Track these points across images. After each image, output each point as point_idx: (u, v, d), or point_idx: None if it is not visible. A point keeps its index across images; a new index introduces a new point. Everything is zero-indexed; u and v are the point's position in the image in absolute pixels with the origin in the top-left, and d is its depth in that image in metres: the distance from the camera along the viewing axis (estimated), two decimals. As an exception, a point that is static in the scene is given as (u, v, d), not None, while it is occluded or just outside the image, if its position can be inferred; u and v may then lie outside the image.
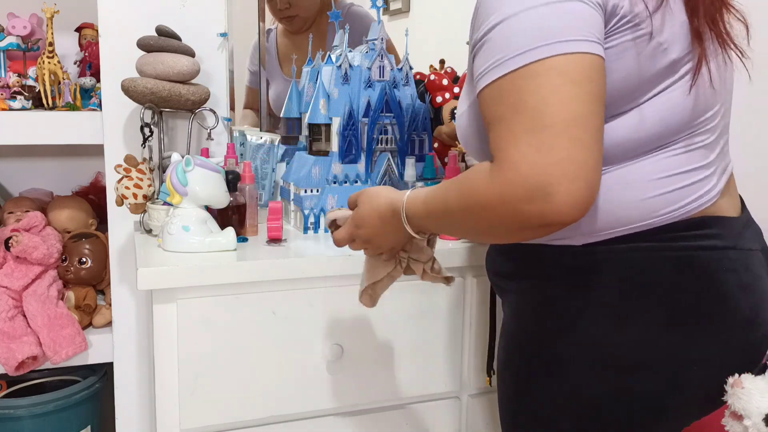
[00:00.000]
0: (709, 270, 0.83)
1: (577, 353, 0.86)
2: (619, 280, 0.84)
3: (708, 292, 0.83)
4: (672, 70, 0.81)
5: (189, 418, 1.17)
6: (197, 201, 1.21)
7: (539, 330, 0.90)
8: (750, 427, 1.10)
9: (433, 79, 1.50)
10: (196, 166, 1.20)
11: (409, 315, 1.28)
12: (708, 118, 0.85)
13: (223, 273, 1.15)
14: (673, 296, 0.83)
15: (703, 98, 0.83)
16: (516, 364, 0.94)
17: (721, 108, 0.88)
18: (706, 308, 0.83)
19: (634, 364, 0.84)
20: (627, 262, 0.83)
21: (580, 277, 0.86)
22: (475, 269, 1.33)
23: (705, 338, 0.83)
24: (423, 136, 1.42)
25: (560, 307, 0.87)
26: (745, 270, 0.85)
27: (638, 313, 0.83)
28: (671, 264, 0.83)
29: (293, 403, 1.23)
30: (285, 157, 1.55)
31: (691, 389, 0.86)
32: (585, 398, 0.86)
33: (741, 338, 0.85)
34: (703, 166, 0.84)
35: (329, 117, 1.38)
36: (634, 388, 0.85)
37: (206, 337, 1.16)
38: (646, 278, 0.83)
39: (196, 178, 1.19)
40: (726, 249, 0.85)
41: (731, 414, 1.15)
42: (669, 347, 0.83)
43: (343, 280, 1.22)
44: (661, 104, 0.81)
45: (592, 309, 0.85)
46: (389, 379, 1.29)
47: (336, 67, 1.39)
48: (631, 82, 0.79)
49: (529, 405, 0.92)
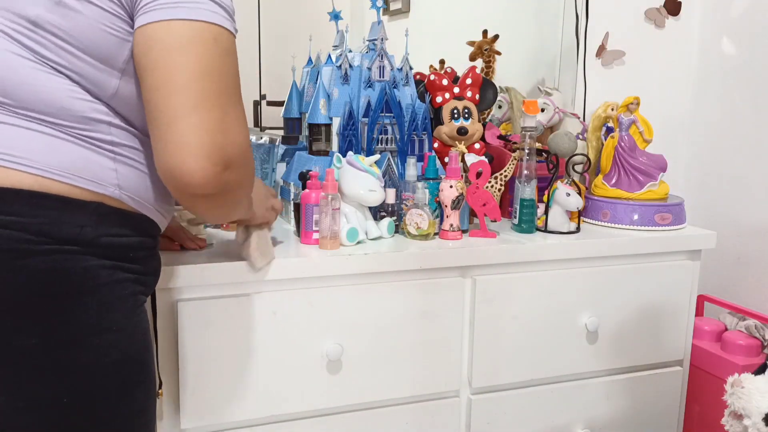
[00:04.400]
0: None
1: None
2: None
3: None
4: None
5: (189, 418, 1.17)
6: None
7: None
8: (750, 426, 1.10)
9: (433, 79, 1.50)
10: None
11: (409, 315, 1.28)
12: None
13: (223, 273, 1.15)
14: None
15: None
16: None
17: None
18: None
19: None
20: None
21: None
22: (475, 269, 1.33)
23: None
24: (423, 136, 1.42)
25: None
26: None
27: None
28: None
29: (293, 403, 1.23)
30: (285, 157, 1.55)
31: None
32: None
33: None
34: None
35: (329, 117, 1.38)
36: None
37: (206, 337, 1.16)
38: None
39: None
40: None
41: (731, 413, 1.15)
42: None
43: (343, 280, 1.23)
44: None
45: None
46: (389, 379, 1.29)
47: (336, 67, 1.39)
48: None
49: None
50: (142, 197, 0.89)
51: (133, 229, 0.88)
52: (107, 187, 0.84)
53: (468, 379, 1.37)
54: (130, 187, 0.87)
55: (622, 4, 1.93)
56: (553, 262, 1.39)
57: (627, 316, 1.47)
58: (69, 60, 0.82)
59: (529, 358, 1.40)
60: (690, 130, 2.04)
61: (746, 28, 1.85)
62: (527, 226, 1.44)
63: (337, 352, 1.22)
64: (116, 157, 0.86)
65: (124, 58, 0.84)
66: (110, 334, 0.84)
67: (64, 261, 0.80)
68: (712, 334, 1.65)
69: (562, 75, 1.96)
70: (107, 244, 0.84)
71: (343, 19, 1.46)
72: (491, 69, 1.81)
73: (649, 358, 1.52)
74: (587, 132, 1.70)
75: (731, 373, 1.18)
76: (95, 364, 0.83)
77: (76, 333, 0.81)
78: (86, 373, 0.83)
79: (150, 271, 0.94)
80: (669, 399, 1.56)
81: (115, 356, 0.85)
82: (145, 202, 0.90)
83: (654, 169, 1.57)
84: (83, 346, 0.82)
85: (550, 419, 1.45)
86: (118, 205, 0.86)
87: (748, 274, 1.85)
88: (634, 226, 1.52)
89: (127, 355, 0.87)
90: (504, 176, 1.52)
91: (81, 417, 0.83)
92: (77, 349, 0.82)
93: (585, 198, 1.59)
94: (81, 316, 0.81)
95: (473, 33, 1.82)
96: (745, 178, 1.86)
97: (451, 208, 1.33)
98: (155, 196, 0.91)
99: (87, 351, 0.82)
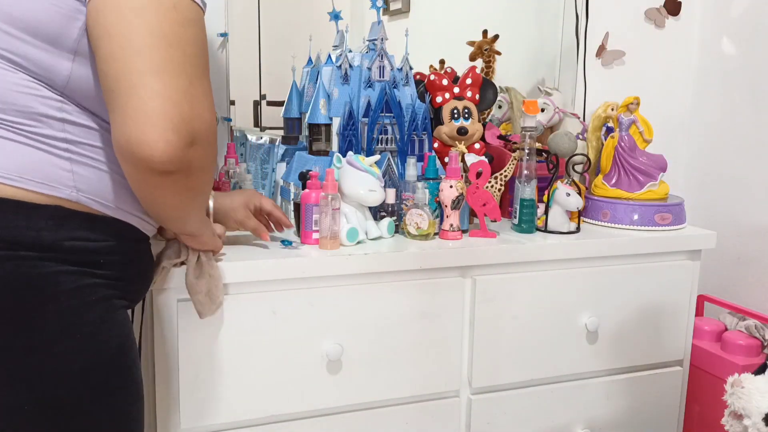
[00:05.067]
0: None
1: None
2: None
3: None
4: None
5: (189, 418, 1.17)
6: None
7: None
8: (750, 426, 1.10)
9: (433, 79, 1.50)
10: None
11: (409, 315, 1.28)
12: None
13: (222, 273, 1.15)
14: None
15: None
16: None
17: None
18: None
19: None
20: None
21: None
22: (475, 269, 1.33)
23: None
24: (423, 136, 1.42)
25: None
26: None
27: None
28: None
29: (293, 403, 1.23)
30: (285, 157, 1.55)
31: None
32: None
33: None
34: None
35: (329, 117, 1.38)
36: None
37: (206, 337, 1.16)
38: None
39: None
40: None
41: (731, 413, 1.15)
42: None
43: (343, 280, 1.23)
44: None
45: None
46: (389, 379, 1.29)
47: (336, 67, 1.39)
48: None
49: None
50: (107, 200, 0.84)
51: (100, 233, 0.84)
52: (62, 189, 0.80)
53: (468, 379, 1.37)
54: (90, 190, 0.82)
55: (622, 4, 1.92)
56: (553, 262, 1.39)
57: (627, 316, 1.47)
58: (12, 44, 0.76)
59: (529, 358, 1.40)
60: (690, 130, 2.04)
61: (746, 28, 1.85)
62: (527, 226, 1.44)
63: (337, 352, 1.22)
64: (72, 156, 0.80)
65: (74, 36, 0.77)
66: (75, 341, 0.81)
67: (22, 267, 0.77)
68: (712, 334, 1.65)
69: (562, 75, 1.95)
70: (70, 248, 0.80)
71: (343, 19, 1.46)
72: (491, 69, 1.81)
73: (649, 358, 1.52)
74: (587, 132, 1.70)
75: (731, 373, 1.18)
76: (60, 371, 0.80)
77: (39, 340, 0.78)
78: (51, 380, 0.80)
79: (128, 276, 0.89)
80: (669, 399, 1.56)
81: (82, 363, 0.82)
82: (113, 205, 0.84)
83: (654, 169, 1.56)
84: (46, 353, 0.79)
85: (550, 419, 1.45)
86: (80, 208, 0.81)
87: (748, 274, 1.85)
88: (634, 226, 1.52)
89: (97, 361, 0.84)
90: (504, 176, 1.52)
91: (49, 425, 0.80)
92: (40, 356, 0.79)
93: (585, 198, 1.59)
94: (42, 323, 0.78)
95: (473, 33, 1.82)
96: (745, 178, 1.86)
97: (451, 208, 1.33)
98: (124, 199, 0.86)
99: (50, 358, 0.79)
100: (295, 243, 1.27)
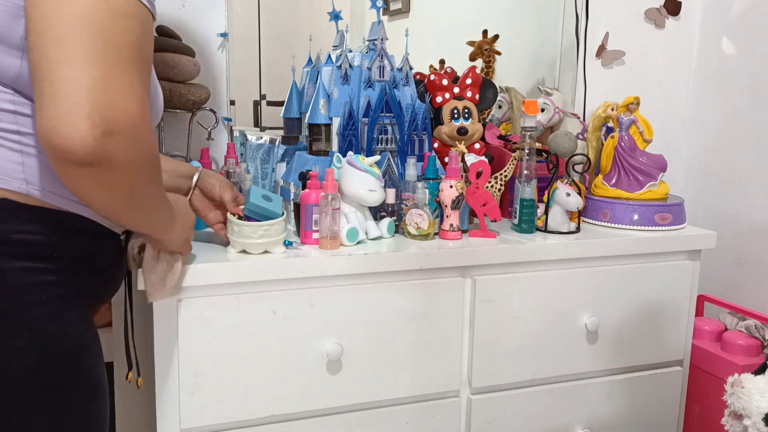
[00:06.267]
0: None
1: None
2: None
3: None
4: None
5: (189, 418, 1.17)
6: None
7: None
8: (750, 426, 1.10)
9: (433, 79, 1.50)
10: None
11: (409, 315, 1.28)
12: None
13: (223, 273, 1.15)
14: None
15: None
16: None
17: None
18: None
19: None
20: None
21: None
22: (475, 269, 1.33)
23: None
24: (423, 136, 1.42)
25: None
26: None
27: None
28: None
29: (293, 403, 1.23)
30: (285, 157, 1.55)
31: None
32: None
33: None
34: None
35: (329, 117, 1.38)
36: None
37: (206, 337, 1.16)
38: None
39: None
40: None
41: (731, 413, 1.15)
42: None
43: (343, 280, 1.23)
44: None
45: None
46: (389, 379, 1.29)
47: (336, 67, 1.39)
48: None
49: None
50: (58, 192, 0.82)
51: (52, 226, 0.82)
52: (11, 181, 0.79)
53: (468, 379, 1.37)
54: (40, 182, 0.81)
55: (622, 4, 1.93)
56: (553, 262, 1.39)
57: (627, 316, 1.47)
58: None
59: (529, 358, 1.40)
60: (690, 130, 2.04)
61: (746, 28, 1.85)
62: (527, 226, 1.44)
63: (337, 352, 1.22)
64: (23, 149, 0.80)
65: (20, 34, 0.77)
66: (23, 338, 0.80)
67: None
68: (712, 334, 1.65)
69: (562, 75, 1.96)
70: (19, 241, 0.79)
71: (343, 19, 1.46)
72: (491, 69, 1.81)
73: (649, 358, 1.52)
74: (587, 132, 1.70)
75: (731, 373, 1.18)
76: (7, 367, 0.80)
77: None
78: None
79: (85, 273, 0.87)
80: (669, 399, 1.56)
81: (31, 360, 0.81)
82: (65, 197, 0.83)
83: (654, 169, 1.57)
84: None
85: (550, 419, 1.45)
86: (29, 201, 0.81)
87: (748, 274, 1.85)
88: (634, 226, 1.52)
89: (47, 358, 0.83)
90: (504, 176, 1.52)
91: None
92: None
93: (585, 198, 1.59)
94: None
95: (473, 33, 1.82)
96: (745, 178, 1.86)
97: (451, 208, 1.33)
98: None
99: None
100: (295, 243, 1.27)
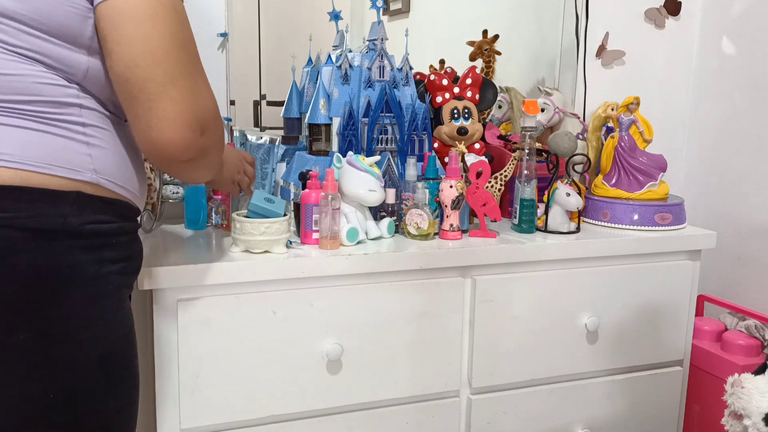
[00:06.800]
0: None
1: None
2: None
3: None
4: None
5: (189, 418, 1.17)
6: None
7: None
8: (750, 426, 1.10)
9: (433, 79, 1.50)
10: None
11: (409, 315, 1.28)
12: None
13: (223, 273, 1.15)
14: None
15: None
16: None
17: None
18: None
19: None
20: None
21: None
22: (475, 269, 1.33)
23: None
24: (423, 136, 1.42)
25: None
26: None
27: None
28: None
29: (293, 403, 1.23)
30: (285, 157, 1.55)
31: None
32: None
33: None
34: None
35: (329, 117, 1.38)
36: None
37: (206, 337, 1.16)
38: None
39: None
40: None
41: (731, 413, 1.15)
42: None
43: (343, 280, 1.23)
44: None
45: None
46: (389, 379, 1.29)
47: (336, 67, 1.39)
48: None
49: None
50: (117, 179, 0.88)
51: (111, 214, 0.88)
52: (84, 173, 0.84)
53: (468, 379, 1.37)
54: (105, 170, 0.86)
55: (622, 4, 1.92)
56: (553, 262, 1.39)
57: (627, 316, 1.47)
58: (36, 44, 0.80)
59: (529, 358, 1.40)
60: (690, 130, 2.04)
61: (746, 28, 1.85)
62: (527, 226, 1.44)
63: (337, 352, 1.22)
64: (89, 140, 0.85)
65: (88, 34, 0.83)
66: (96, 329, 0.85)
67: (51, 256, 0.80)
68: (712, 334, 1.65)
69: (562, 75, 1.96)
70: (91, 231, 0.84)
71: (343, 19, 1.46)
72: (491, 69, 1.81)
73: (649, 358, 1.52)
74: (587, 132, 1.70)
75: (731, 373, 1.18)
76: (82, 359, 0.84)
77: (65, 328, 0.82)
78: (74, 368, 0.83)
79: (129, 255, 0.93)
80: (669, 399, 1.56)
81: (100, 351, 0.86)
82: (122, 184, 0.89)
83: (654, 169, 1.57)
84: (72, 341, 0.83)
85: (550, 419, 1.45)
86: (96, 191, 0.86)
87: (748, 274, 1.85)
88: (634, 226, 1.52)
89: (111, 350, 0.88)
90: (504, 176, 1.52)
91: (65, 412, 0.83)
92: (66, 344, 0.82)
93: (585, 198, 1.59)
94: (70, 310, 0.82)
95: (473, 33, 1.82)
96: (745, 178, 1.86)
97: (451, 208, 1.33)
98: (129, 177, 0.91)
99: (75, 346, 0.83)
100: (295, 243, 1.27)
